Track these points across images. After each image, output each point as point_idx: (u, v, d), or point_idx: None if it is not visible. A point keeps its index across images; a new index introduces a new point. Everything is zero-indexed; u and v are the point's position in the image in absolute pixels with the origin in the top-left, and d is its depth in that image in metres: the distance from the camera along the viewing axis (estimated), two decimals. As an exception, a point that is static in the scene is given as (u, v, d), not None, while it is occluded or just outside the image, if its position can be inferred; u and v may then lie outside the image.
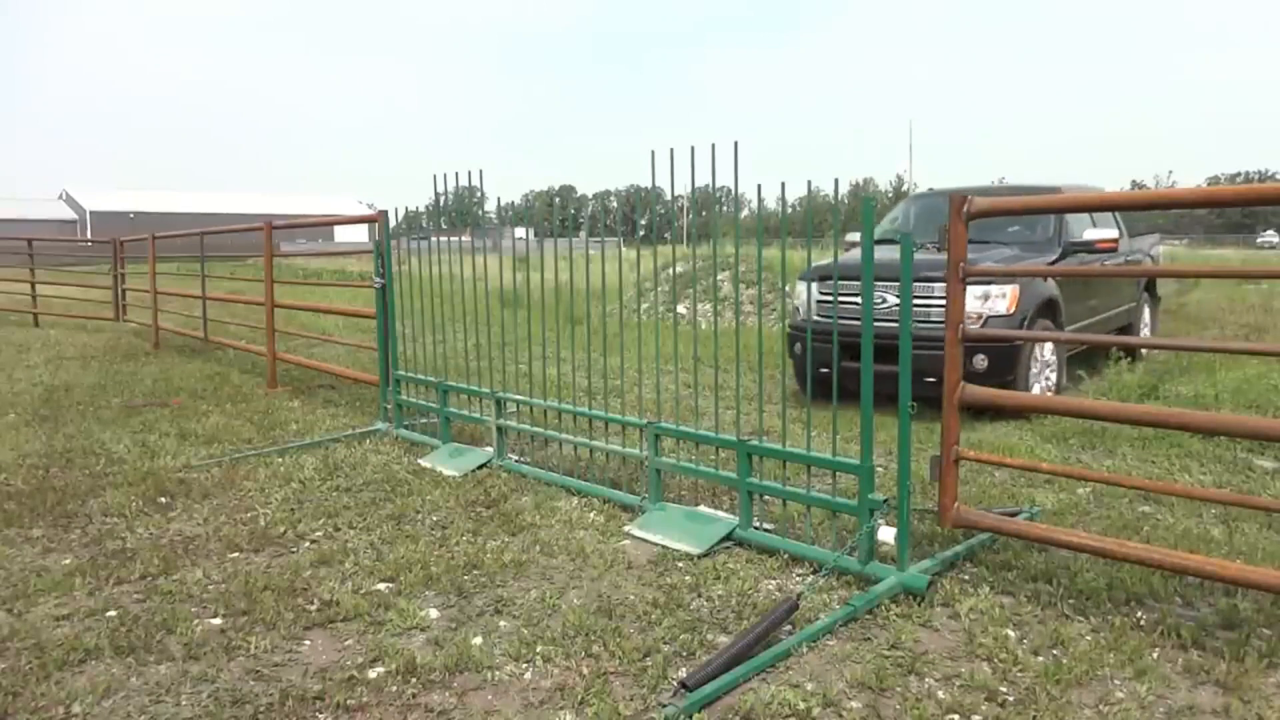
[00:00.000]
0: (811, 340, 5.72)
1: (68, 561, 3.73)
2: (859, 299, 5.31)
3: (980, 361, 6.05)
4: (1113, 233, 6.97)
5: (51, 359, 9.69)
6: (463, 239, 5.84)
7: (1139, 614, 3.21)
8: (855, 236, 7.11)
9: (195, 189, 73.57)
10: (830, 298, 5.72)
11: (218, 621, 3.17)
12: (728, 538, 3.89)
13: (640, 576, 3.56)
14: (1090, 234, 7.13)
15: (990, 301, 6.24)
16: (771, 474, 4.19)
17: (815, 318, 6.42)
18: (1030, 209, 3.73)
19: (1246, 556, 3.71)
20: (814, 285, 6.40)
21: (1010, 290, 6.29)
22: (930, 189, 8.59)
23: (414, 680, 2.75)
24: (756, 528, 4.02)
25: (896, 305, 4.92)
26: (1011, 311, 6.25)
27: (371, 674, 2.80)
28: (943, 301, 5.26)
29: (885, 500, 3.47)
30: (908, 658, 2.89)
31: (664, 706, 2.58)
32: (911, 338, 4.74)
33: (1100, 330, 8.01)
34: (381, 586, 3.46)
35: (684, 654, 2.92)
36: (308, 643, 3.03)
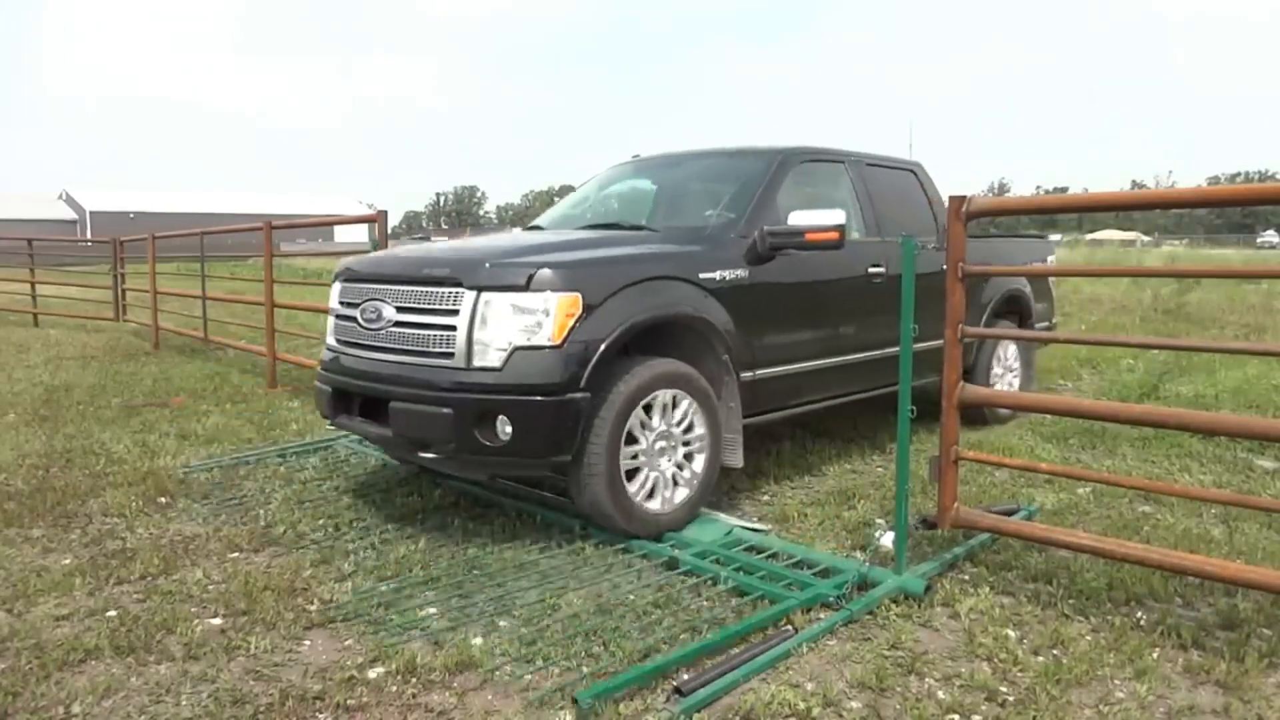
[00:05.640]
0: (325, 377, 4.29)
1: (68, 561, 3.73)
2: (375, 319, 3.91)
3: (503, 427, 3.58)
4: (833, 218, 4.14)
5: (51, 359, 9.68)
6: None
7: (1139, 614, 3.21)
8: (543, 220, 5.63)
9: (195, 189, 73.63)
10: (351, 313, 4.19)
11: (218, 621, 3.17)
12: (726, 536, 3.89)
13: (640, 576, 3.56)
14: (797, 219, 4.23)
15: (525, 321, 3.60)
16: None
17: (332, 342, 4.39)
18: (1032, 208, 3.73)
19: (1246, 556, 3.72)
20: (338, 289, 4.43)
21: (558, 305, 3.58)
22: (636, 155, 6.09)
23: (414, 680, 2.75)
24: (754, 529, 4.02)
25: (396, 326, 3.89)
26: (560, 342, 3.58)
27: (371, 674, 2.80)
28: (449, 328, 3.71)
29: (827, 598, 3.21)
30: (908, 658, 2.89)
31: (659, 710, 2.58)
32: (395, 381, 3.76)
33: (872, 386, 5.12)
34: (381, 586, 3.46)
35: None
36: (308, 643, 3.03)
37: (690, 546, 3.77)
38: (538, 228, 5.48)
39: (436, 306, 3.77)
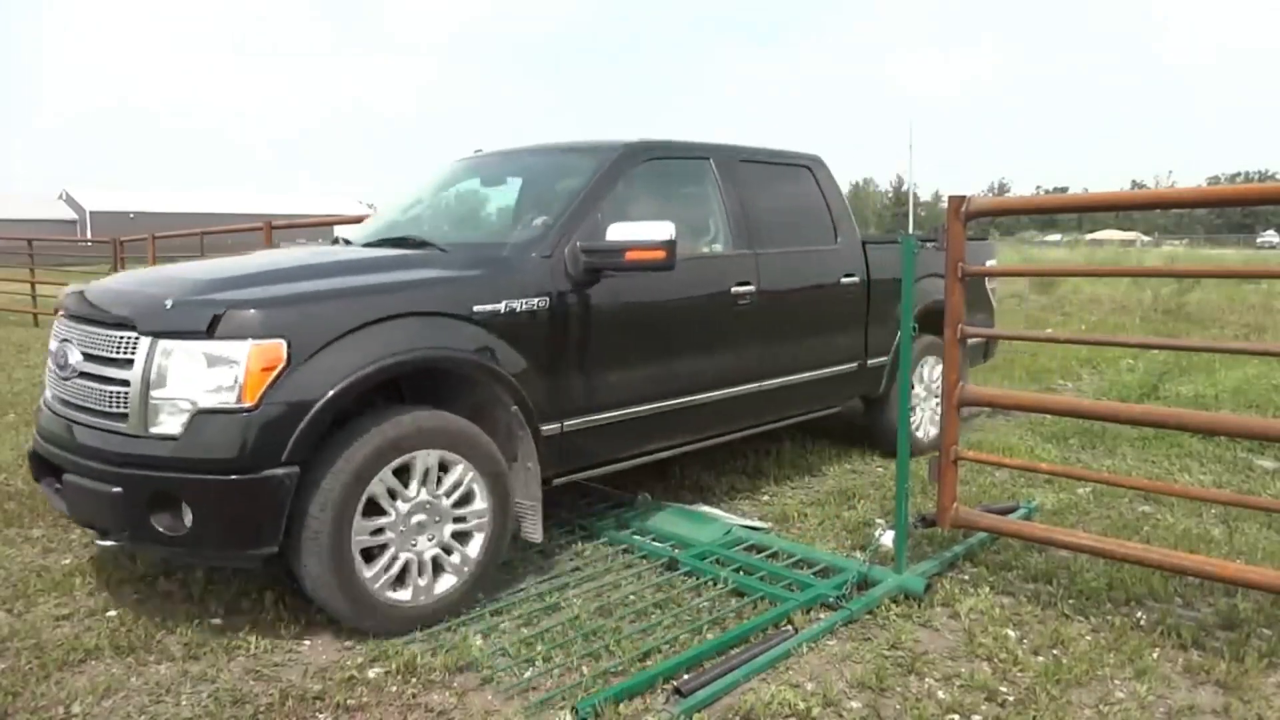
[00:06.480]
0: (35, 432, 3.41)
1: (68, 561, 3.73)
2: (64, 365, 3.12)
3: (186, 513, 2.81)
4: (660, 232, 3.34)
5: (51, 359, 9.68)
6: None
7: (1139, 614, 3.21)
8: (354, 231, 4.76)
9: (195, 189, 73.66)
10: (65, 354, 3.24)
11: (218, 621, 3.17)
12: (726, 536, 3.88)
13: (640, 576, 3.56)
14: (616, 233, 3.43)
15: (210, 377, 2.80)
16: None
17: (47, 390, 3.44)
18: (1032, 208, 3.73)
19: (1246, 556, 3.72)
20: (54, 324, 3.48)
21: (250, 356, 2.78)
22: (478, 150, 5.11)
23: (414, 680, 2.75)
24: (754, 528, 4.02)
25: (81, 376, 3.09)
26: (253, 403, 2.76)
27: (371, 674, 2.80)
28: (124, 382, 2.91)
29: (827, 598, 3.24)
30: (908, 658, 2.89)
31: (659, 710, 2.58)
32: (70, 447, 3.02)
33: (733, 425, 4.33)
34: (381, 586, 3.45)
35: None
36: (308, 643, 3.03)
37: (690, 547, 3.77)
38: (339, 240, 4.65)
39: (111, 355, 2.98)
